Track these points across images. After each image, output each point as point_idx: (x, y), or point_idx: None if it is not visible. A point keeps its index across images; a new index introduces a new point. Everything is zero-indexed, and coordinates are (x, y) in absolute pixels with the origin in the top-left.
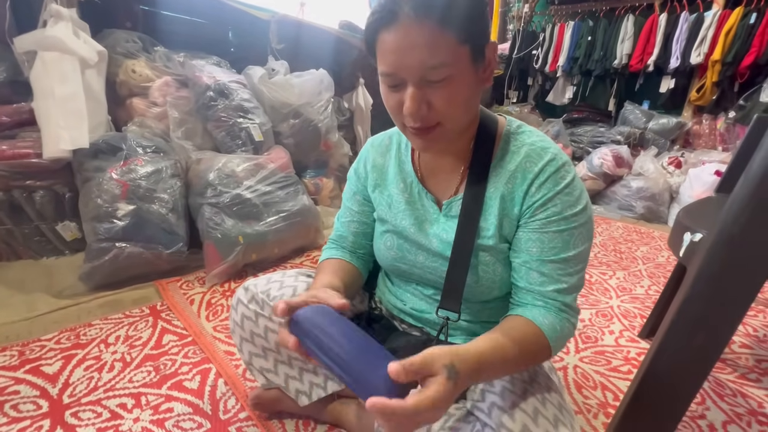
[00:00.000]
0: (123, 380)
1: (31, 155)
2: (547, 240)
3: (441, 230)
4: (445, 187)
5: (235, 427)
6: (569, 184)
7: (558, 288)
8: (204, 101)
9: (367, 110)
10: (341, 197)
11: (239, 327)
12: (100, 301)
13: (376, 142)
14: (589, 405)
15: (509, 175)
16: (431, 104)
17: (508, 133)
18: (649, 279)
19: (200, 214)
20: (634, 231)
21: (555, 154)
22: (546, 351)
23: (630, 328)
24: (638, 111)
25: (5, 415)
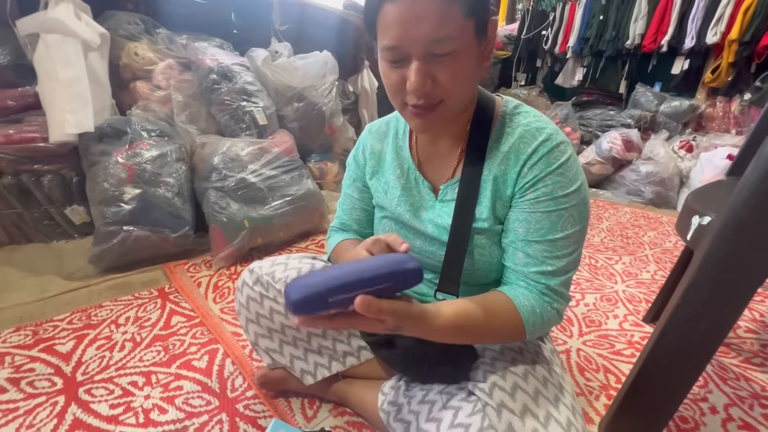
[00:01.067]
0: (134, 359)
1: (37, 139)
2: (534, 220)
3: (436, 216)
4: (442, 171)
5: (243, 404)
6: (563, 164)
7: (542, 270)
8: (207, 84)
9: (373, 93)
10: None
11: (245, 308)
12: (109, 283)
13: (373, 128)
14: (591, 387)
15: (503, 156)
16: (436, 80)
17: (505, 114)
18: (655, 264)
19: (205, 198)
20: (641, 216)
21: (550, 134)
22: (519, 330)
23: (634, 313)
24: (650, 93)
25: (22, 391)
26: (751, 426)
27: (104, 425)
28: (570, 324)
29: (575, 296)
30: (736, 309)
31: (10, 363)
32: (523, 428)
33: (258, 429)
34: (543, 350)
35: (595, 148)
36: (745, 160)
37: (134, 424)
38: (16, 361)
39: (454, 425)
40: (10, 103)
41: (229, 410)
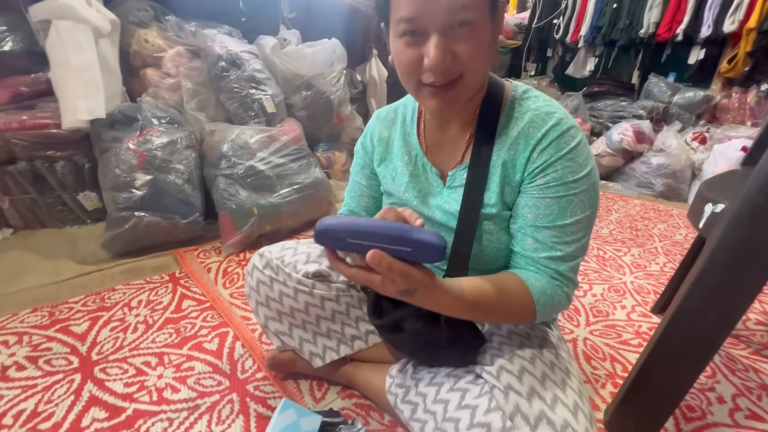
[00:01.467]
0: (146, 340)
1: (50, 125)
2: (543, 206)
3: (443, 202)
4: (450, 157)
5: (253, 385)
6: (573, 149)
7: (551, 255)
8: (216, 72)
9: (382, 83)
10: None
11: (255, 292)
12: (122, 267)
13: (381, 115)
14: (597, 375)
15: (512, 141)
16: (455, 54)
17: (514, 98)
18: (665, 256)
19: (215, 186)
20: (651, 209)
21: (560, 118)
22: (530, 310)
23: (642, 304)
24: (663, 84)
25: (40, 369)
26: (758, 416)
27: (119, 402)
28: (577, 314)
29: (582, 286)
30: (746, 297)
31: (28, 342)
32: (530, 409)
33: (268, 409)
34: (550, 336)
35: (605, 140)
36: (760, 149)
37: (148, 402)
38: (33, 340)
39: (462, 406)
40: (23, 89)
41: (239, 391)
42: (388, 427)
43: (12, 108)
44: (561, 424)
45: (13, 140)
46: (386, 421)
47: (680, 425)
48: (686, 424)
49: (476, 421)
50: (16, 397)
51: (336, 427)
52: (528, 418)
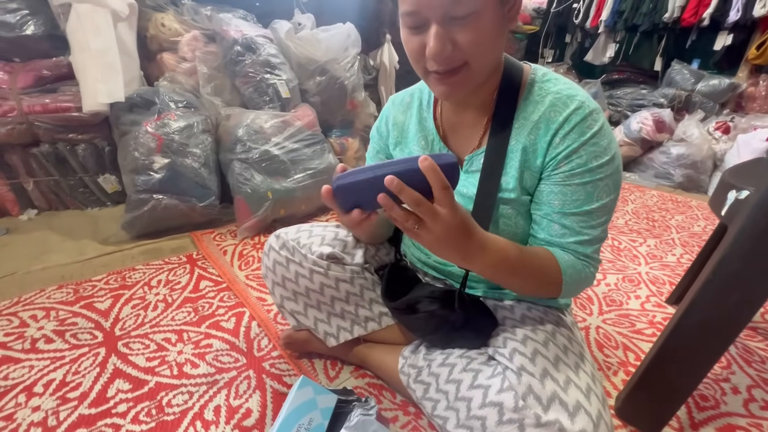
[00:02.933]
0: (166, 318)
1: (71, 109)
2: (569, 192)
3: (461, 186)
4: (467, 142)
5: (269, 363)
6: (596, 133)
7: (579, 240)
8: (231, 56)
9: (392, 69)
10: (365, 159)
11: (271, 272)
12: (141, 248)
13: (397, 99)
14: (609, 363)
15: (532, 125)
16: (456, 43)
17: (533, 81)
18: (682, 248)
19: (230, 170)
20: (669, 200)
21: (582, 101)
22: (557, 282)
23: (657, 294)
24: (687, 71)
25: (67, 342)
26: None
27: (142, 375)
28: (590, 302)
29: (596, 276)
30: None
31: (55, 317)
32: (543, 390)
33: (283, 386)
34: (564, 320)
35: (623, 129)
36: None
37: (169, 376)
38: (60, 315)
39: (474, 386)
40: (45, 72)
41: (256, 368)
42: (400, 406)
43: (35, 91)
44: (573, 405)
45: (36, 123)
46: (398, 401)
47: (693, 414)
48: (699, 413)
49: (488, 401)
50: (46, 368)
51: (350, 404)
52: (540, 399)
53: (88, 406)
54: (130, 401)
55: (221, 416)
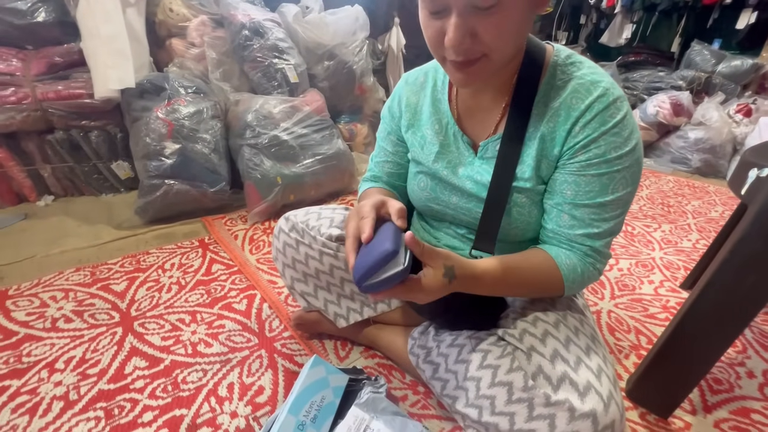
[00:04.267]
0: (180, 300)
1: (84, 95)
2: (583, 183)
3: (475, 172)
4: (483, 126)
5: (280, 343)
6: (619, 122)
7: (588, 233)
8: (240, 41)
9: (399, 53)
10: (374, 144)
11: (281, 254)
12: (154, 233)
13: (410, 79)
14: (621, 346)
15: (552, 112)
16: (476, 35)
17: (555, 64)
18: (698, 233)
19: (240, 155)
20: (686, 185)
21: (606, 88)
22: (559, 288)
23: (671, 279)
24: (707, 51)
25: (85, 322)
26: None
27: (157, 353)
28: (601, 287)
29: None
30: None
31: (74, 298)
32: (553, 371)
33: (294, 365)
34: (575, 303)
35: (639, 113)
36: None
37: (184, 354)
38: (78, 296)
39: (483, 366)
40: (57, 59)
41: (267, 348)
42: (410, 385)
43: (48, 78)
44: (584, 385)
45: (50, 110)
46: (407, 381)
47: (706, 396)
48: (712, 396)
49: (498, 380)
50: (66, 346)
51: (360, 383)
52: (550, 379)
53: (107, 382)
54: (147, 378)
55: (234, 393)
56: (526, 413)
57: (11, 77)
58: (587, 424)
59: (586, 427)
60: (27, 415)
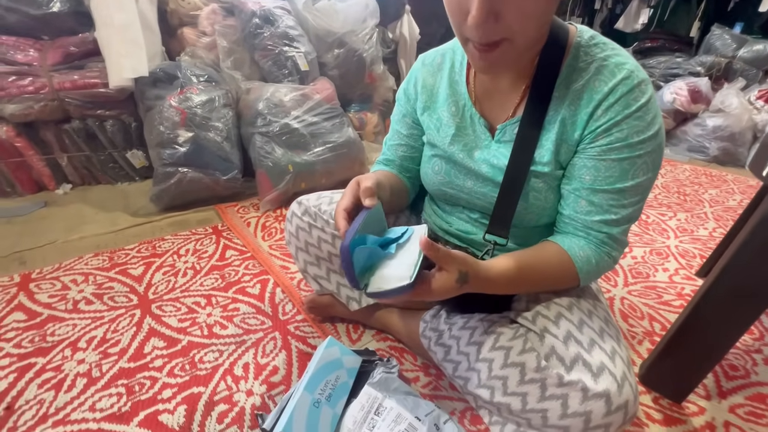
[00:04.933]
0: (195, 284)
1: (98, 85)
2: (603, 168)
3: (491, 156)
4: (501, 109)
5: (293, 326)
6: (642, 106)
7: (605, 219)
8: (250, 29)
9: (413, 42)
10: (385, 133)
11: (294, 237)
12: (169, 220)
13: (427, 60)
14: (634, 332)
15: (574, 95)
16: (500, 16)
17: (579, 45)
18: (715, 222)
19: (252, 144)
20: (703, 174)
21: (631, 71)
22: (573, 281)
23: (687, 267)
24: (728, 36)
25: (105, 304)
26: None
27: (175, 335)
28: (615, 274)
29: None
30: None
31: (93, 281)
32: (566, 352)
33: (308, 347)
34: (589, 287)
35: None
36: None
37: (200, 336)
38: (97, 280)
39: (495, 348)
40: (72, 49)
41: (281, 330)
42: (421, 367)
43: (64, 68)
44: (598, 366)
45: (66, 99)
46: (419, 363)
47: (721, 382)
48: (728, 382)
49: (510, 361)
50: (87, 326)
51: (372, 364)
52: (563, 360)
53: (127, 361)
54: (165, 357)
55: (250, 372)
56: (538, 393)
57: (29, 67)
58: (600, 404)
59: (600, 407)
60: (53, 390)
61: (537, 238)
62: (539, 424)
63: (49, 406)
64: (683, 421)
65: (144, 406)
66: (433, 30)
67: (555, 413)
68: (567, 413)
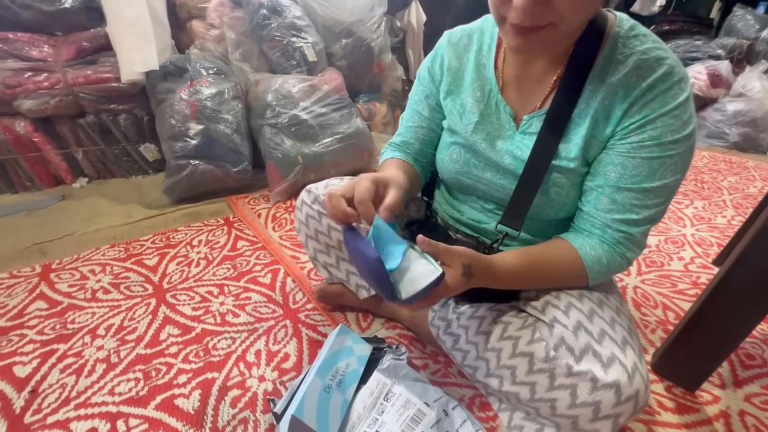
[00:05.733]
0: (208, 274)
1: (111, 79)
2: (631, 166)
3: (514, 147)
4: (529, 98)
5: (304, 314)
6: (680, 104)
7: (626, 218)
8: (258, 20)
9: (419, 30)
10: (394, 123)
11: (304, 225)
12: (182, 212)
13: (453, 39)
14: (647, 321)
15: (609, 89)
16: (551, 0)
17: (617, 36)
18: (734, 209)
19: (261, 135)
20: (722, 161)
21: (672, 66)
22: (582, 280)
23: (703, 256)
24: (750, 16)
25: (122, 293)
26: None
27: (189, 322)
28: None
29: None
30: None
31: (110, 271)
32: (576, 342)
33: (318, 334)
34: None
35: None
36: None
37: (213, 323)
38: (114, 270)
39: (504, 338)
40: (85, 44)
41: (292, 318)
42: (430, 355)
43: (77, 63)
44: (608, 356)
45: (81, 94)
46: (428, 351)
47: (736, 371)
48: (744, 371)
49: (519, 351)
50: (105, 314)
51: (381, 351)
52: (573, 350)
53: (144, 347)
54: (180, 344)
55: (262, 359)
56: (547, 383)
57: (44, 63)
58: (610, 394)
59: (609, 397)
60: (74, 375)
61: (552, 231)
62: (548, 413)
63: (71, 389)
64: (696, 409)
65: (160, 390)
66: (441, 18)
67: (564, 403)
68: (576, 403)
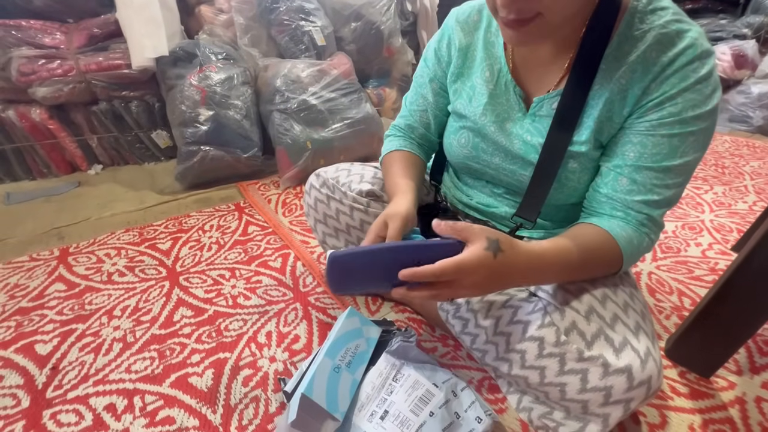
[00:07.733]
0: (219, 258)
1: (122, 66)
2: (650, 144)
3: (525, 131)
4: (541, 80)
5: (314, 298)
6: (702, 78)
7: (647, 199)
8: (266, 4)
9: (433, 12)
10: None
11: (313, 209)
12: (193, 198)
13: (461, 16)
14: (661, 307)
15: (626, 68)
16: None
17: (635, 11)
18: (755, 195)
19: (270, 121)
20: (745, 145)
21: (695, 39)
22: (617, 264)
23: (722, 242)
24: None
25: (137, 276)
26: None
27: (202, 305)
28: None
29: None
30: None
31: (125, 255)
32: (588, 327)
33: (328, 317)
34: None
35: None
36: None
37: (225, 306)
38: (129, 254)
39: (514, 322)
40: (96, 31)
41: (302, 301)
42: (439, 338)
43: (89, 50)
44: (620, 341)
45: (93, 81)
46: (437, 334)
47: (753, 358)
48: (761, 358)
49: (528, 335)
50: (121, 296)
51: (391, 333)
52: (584, 334)
53: (158, 328)
54: (193, 325)
55: (272, 340)
56: (557, 368)
57: (57, 50)
58: (622, 379)
59: (621, 382)
60: (92, 354)
61: (563, 215)
62: (557, 397)
63: (89, 367)
64: (711, 395)
65: (175, 369)
66: (452, 1)
67: (574, 387)
68: (586, 388)
